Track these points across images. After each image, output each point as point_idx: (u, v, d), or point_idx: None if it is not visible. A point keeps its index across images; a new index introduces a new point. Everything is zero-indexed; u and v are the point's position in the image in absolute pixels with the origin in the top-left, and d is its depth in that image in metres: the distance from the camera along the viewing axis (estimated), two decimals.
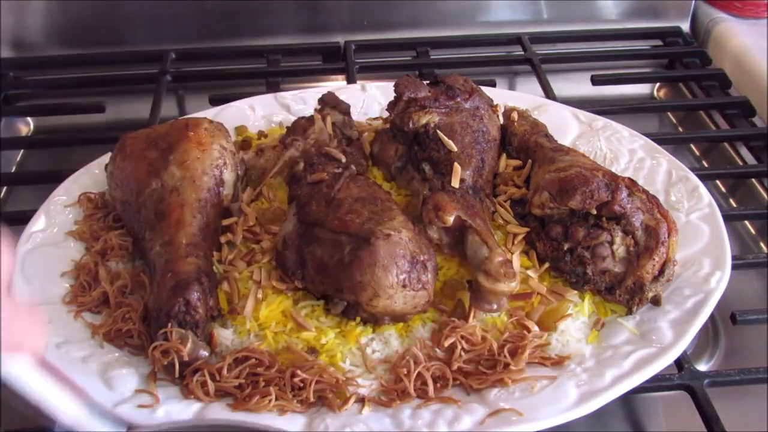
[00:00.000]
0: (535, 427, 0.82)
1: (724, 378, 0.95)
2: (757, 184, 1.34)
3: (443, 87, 1.14)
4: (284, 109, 1.31)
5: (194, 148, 1.06)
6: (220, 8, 1.59)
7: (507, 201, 1.09)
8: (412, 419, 0.84)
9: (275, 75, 1.54)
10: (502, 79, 1.59)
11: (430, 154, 1.08)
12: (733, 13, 1.66)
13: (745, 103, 1.45)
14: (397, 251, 0.90)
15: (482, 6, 1.66)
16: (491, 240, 0.95)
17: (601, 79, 1.53)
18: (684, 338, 0.91)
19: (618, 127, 1.25)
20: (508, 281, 0.91)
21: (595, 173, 0.98)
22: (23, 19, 1.56)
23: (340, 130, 1.18)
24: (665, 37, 1.68)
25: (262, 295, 0.96)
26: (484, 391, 0.87)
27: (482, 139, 1.11)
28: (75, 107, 1.49)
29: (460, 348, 0.90)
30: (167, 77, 1.50)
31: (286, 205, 1.09)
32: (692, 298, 0.95)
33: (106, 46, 1.59)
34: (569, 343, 0.93)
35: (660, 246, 0.95)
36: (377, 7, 1.63)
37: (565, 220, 1.00)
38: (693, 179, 1.13)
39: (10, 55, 1.58)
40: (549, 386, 0.87)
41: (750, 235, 1.27)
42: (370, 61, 1.57)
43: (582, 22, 1.67)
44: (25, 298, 0.97)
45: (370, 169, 1.17)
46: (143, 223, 1.02)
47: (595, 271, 0.98)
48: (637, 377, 0.87)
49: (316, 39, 1.63)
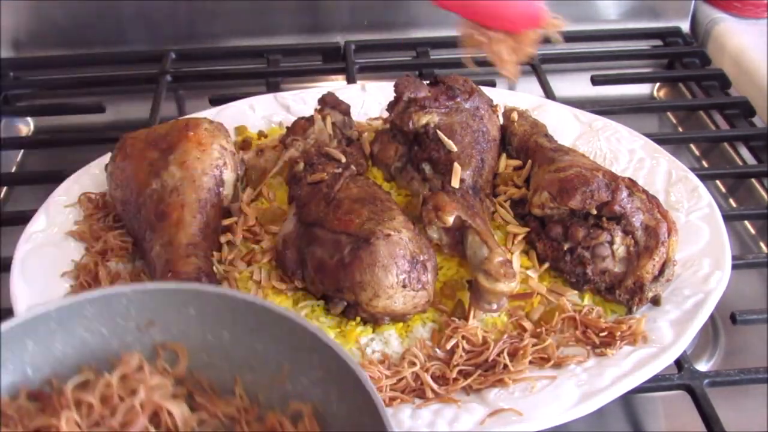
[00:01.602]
0: (535, 427, 0.83)
1: (724, 378, 0.95)
2: (757, 184, 1.33)
3: (443, 87, 1.14)
4: (284, 109, 1.31)
5: (194, 148, 1.05)
6: (220, 8, 1.59)
7: (507, 201, 1.09)
8: (412, 419, 0.84)
9: (275, 75, 1.54)
10: (502, 79, 1.58)
11: (430, 154, 1.08)
12: (733, 13, 1.66)
13: (744, 103, 1.45)
14: (397, 251, 0.90)
15: None
16: (491, 240, 0.95)
17: (601, 79, 1.53)
18: (684, 338, 0.91)
19: (618, 127, 1.25)
20: (507, 281, 0.91)
21: (595, 173, 0.98)
22: (23, 19, 1.56)
23: (340, 130, 1.18)
24: (665, 37, 1.68)
25: (262, 295, 0.96)
26: (484, 391, 0.87)
27: (482, 139, 1.11)
28: (75, 107, 1.49)
29: (461, 348, 0.90)
30: (167, 77, 1.50)
31: (286, 205, 1.09)
32: (692, 298, 0.95)
33: (106, 46, 1.59)
34: (569, 343, 0.93)
35: (660, 246, 0.95)
36: (377, 7, 1.63)
37: (565, 220, 1.01)
38: (693, 179, 1.13)
39: (10, 55, 1.58)
40: (549, 386, 0.87)
41: (750, 235, 1.27)
42: (370, 61, 1.57)
43: (582, 22, 1.67)
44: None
45: (370, 169, 1.17)
46: (143, 223, 1.02)
47: (595, 271, 0.98)
48: (636, 377, 0.87)
49: (316, 39, 1.63)
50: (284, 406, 0.81)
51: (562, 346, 0.92)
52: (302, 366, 0.81)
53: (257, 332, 0.83)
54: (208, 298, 0.84)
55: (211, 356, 0.85)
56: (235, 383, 0.84)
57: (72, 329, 0.82)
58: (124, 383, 0.81)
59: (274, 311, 0.82)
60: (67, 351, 0.82)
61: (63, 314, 0.80)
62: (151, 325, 0.84)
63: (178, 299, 0.84)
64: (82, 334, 0.83)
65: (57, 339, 0.81)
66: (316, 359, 0.80)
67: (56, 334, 0.81)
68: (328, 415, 0.80)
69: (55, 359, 0.81)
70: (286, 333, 0.81)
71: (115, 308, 0.83)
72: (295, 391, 0.82)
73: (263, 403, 0.83)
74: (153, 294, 0.84)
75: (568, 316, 0.95)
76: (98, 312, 0.82)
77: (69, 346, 0.82)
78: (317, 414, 0.80)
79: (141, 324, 0.84)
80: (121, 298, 0.83)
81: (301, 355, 0.81)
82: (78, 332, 0.82)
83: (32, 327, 0.79)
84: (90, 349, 0.83)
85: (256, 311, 0.82)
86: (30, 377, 0.81)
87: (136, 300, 0.83)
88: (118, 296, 0.82)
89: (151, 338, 0.85)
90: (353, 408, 0.76)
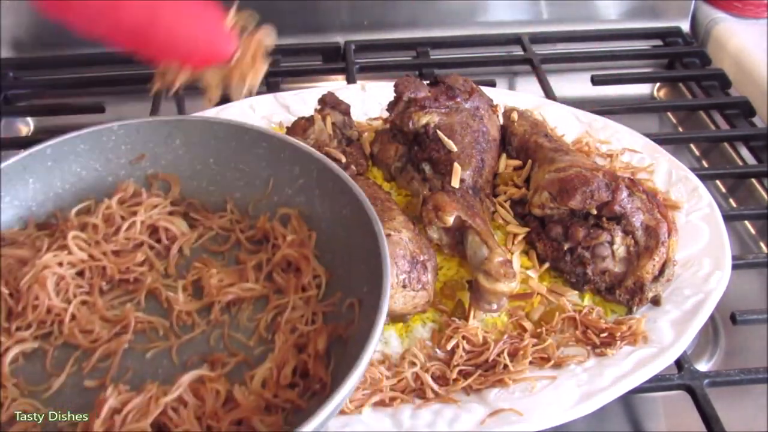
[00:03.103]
0: (535, 427, 0.83)
1: (724, 378, 0.95)
2: (757, 184, 1.33)
3: (443, 87, 1.14)
4: (284, 109, 1.31)
5: None
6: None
7: (507, 201, 1.09)
8: (412, 419, 0.84)
9: (275, 75, 1.54)
10: (502, 79, 1.59)
11: (430, 154, 1.08)
12: (733, 13, 1.65)
13: (745, 103, 1.45)
14: (397, 251, 0.90)
15: (482, 6, 1.66)
16: (491, 240, 0.95)
17: (601, 79, 1.53)
18: (684, 338, 0.91)
19: (618, 127, 1.25)
20: (507, 281, 0.91)
21: (595, 173, 0.98)
22: (23, 19, 1.55)
23: (340, 130, 1.18)
24: (665, 37, 1.68)
25: None
26: (484, 391, 0.87)
27: (482, 139, 1.11)
28: (75, 107, 1.48)
29: (461, 349, 0.90)
30: None
31: None
32: (692, 298, 0.95)
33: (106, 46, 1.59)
34: (569, 343, 0.93)
35: (660, 246, 0.95)
36: (377, 7, 1.63)
37: (565, 220, 1.01)
38: (693, 179, 1.13)
39: (10, 55, 1.58)
40: (549, 386, 0.87)
41: (750, 235, 1.27)
42: (370, 61, 1.57)
43: (582, 22, 1.67)
44: None
45: (370, 169, 1.17)
46: None
47: (595, 271, 0.98)
48: (637, 377, 0.87)
49: (316, 39, 1.63)
50: (272, 214, 0.91)
51: (562, 347, 0.92)
52: (286, 178, 0.90)
53: (241, 154, 0.92)
54: (192, 126, 0.93)
55: (200, 182, 0.94)
56: (226, 202, 0.93)
57: (68, 166, 0.90)
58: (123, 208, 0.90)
59: (253, 130, 0.91)
60: (66, 187, 0.91)
61: (57, 151, 0.89)
62: (141, 158, 0.93)
63: (163, 131, 0.92)
64: (78, 171, 0.91)
65: (55, 176, 0.90)
66: (297, 169, 0.89)
67: (54, 171, 0.89)
68: (314, 215, 0.89)
69: (56, 195, 0.90)
70: (268, 150, 0.90)
71: (106, 144, 0.91)
72: (281, 201, 0.91)
73: (253, 216, 0.92)
74: (139, 127, 0.92)
75: (568, 316, 0.95)
76: (90, 149, 0.90)
77: (67, 183, 0.90)
78: (303, 216, 0.90)
79: (132, 158, 0.93)
80: (110, 134, 0.91)
81: (283, 167, 0.90)
82: (74, 169, 0.91)
83: (31, 164, 0.87)
84: (87, 184, 0.92)
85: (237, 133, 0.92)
86: (35, 212, 0.89)
87: (123, 135, 0.92)
88: (108, 131, 0.91)
89: (143, 171, 0.93)
90: (336, 204, 0.85)
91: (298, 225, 0.89)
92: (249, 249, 0.91)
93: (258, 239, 0.91)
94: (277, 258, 0.87)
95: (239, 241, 0.91)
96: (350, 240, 0.84)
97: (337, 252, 0.86)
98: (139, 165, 0.93)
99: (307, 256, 0.86)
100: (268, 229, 0.90)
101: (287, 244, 0.87)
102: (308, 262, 0.86)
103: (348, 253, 0.83)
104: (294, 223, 0.90)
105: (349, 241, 0.84)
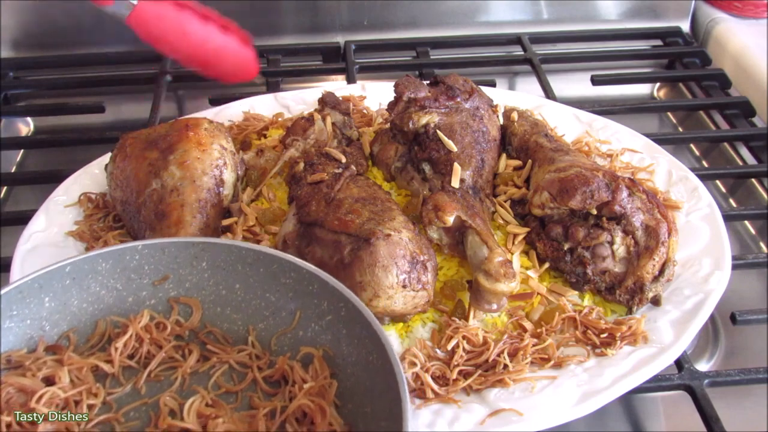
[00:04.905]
0: (535, 427, 0.83)
1: (724, 378, 0.95)
2: (757, 184, 1.34)
3: (443, 87, 1.14)
4: (284, 109, 1.31)
5: (194, 148, 1.06)
6: (220, 9, 1.59)
7: (507, 201, 1.09)
8: (412, 419, 0.84)
9: (275, 75, 1.54)
10: (502, 79, 1.59)
11: (430, 154, 1.08)
12: (733, 13, 1.66)
13: (745, 103, 1.45)
14: (397, 251, 0.90)
15: (482, 6, 1.66)
16: (491, 240, 0.95)
17: (601, 79, 1.53)
18: (684, 338, 0.91)
19: (618, 127, 1.25)
20: (507, 281, 0.91)
21: (595, 173, 0.98)
22: (23, 19, 1.56)
23: (340, 130, 1.18)
24: (665, 37, 1.68)
25: None
26: (484, 392, 0.87)
27: (482, 139, 1.11)
28: (75, 107, 1.49)
29: (461, 349, 0.90)
30: (167, 77, 1.50)
31: (286, 205, 1.09)
32: (692, 298, 0.95)
33: (106, 46, 1.59)
34: (569, 343, 0.93)
35: (660, 246, 0.95)
36: (377, 7, 1.63)
37: (565, 220, 1.01)
38: (693, 179, 1.13)
39: (10, 55, 1.58)
40: (549, 386, 0.87)
41: (750, 235, 1.27)
42: (370, 61, 1.57)
43: (582, 22, 1.67)
44: None
45: (370, 169, 1.17)
46: (143, 224, 1.02)
47: (595, 271, 0.98)
48: (636, 377, 0.87)
49: (316, 39, 1.63)
50: (295, 352, 0.85)
51: (562, 346, 0.92)
52: (313, 312, 0.85)
53: (269, 282, 0.87)
54: (220, 251, 0.87)
55: (224, 309, 0.89)
56: (249, 333, 0.88)
57: (87, 285, 0.85)
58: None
59: (284, 260, 0.86)
60: (83, 306, 0.85)
61: (77, 269, 0.84)
62: (165, 279, 0.88)
63: (190, 253, 0.87)
64: (97, 290, 0.86)
65: (73, 295, 0.85)
66: (326, 305, 0.84)
67: (72, 290, 0.84)
68: (337, 357, 0.83)
69: (71, 314, 0.85)
70: (297, 281, 0.85)
71: (129, 264, 0.86)
72: (306, 336, 0.85)
73: (275, 350, 0.87)
74: (164, 247, 0.87)
75: (568, 316, 0.95)
76: (112, 268, 0.86)
77: (84, 302, 0.85)
78: (327, 357, 0.84)
79: (155, 279, 0.87)
80: (134, 253, 0.86)
81: (311, 301, 0.85)
82: (93, 288, 0.85)
83: (48, 282, 0.82)
84: (105, 304, 0.86)
85: (266, 262, 0.86)
86: (47, 332, 0.84)
87: (148, 255, 0.87)
88: (131, 251, 0.86)
89: (165, 293, 0.88)
90: (362, 349, 0.80)
91: (320, 368, 0.83)
92: (265, 391, 0.84)
93: (276, 380, 0.85)
94: (292, 408, 0.81)
95: (256, 379, 0.85)
96: (373, 387, 0.79)
97: (358, 400, 0.81)
98: (162, 286, 0.88)
99: (324, 408, 0.80)
100: (288, 370, 0.84)
101: (305, 392, 0.81)
102: (325, 414, 0.80)
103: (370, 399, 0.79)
104: (316, 365, 0.84)
105: (373, 387, 0.79)
